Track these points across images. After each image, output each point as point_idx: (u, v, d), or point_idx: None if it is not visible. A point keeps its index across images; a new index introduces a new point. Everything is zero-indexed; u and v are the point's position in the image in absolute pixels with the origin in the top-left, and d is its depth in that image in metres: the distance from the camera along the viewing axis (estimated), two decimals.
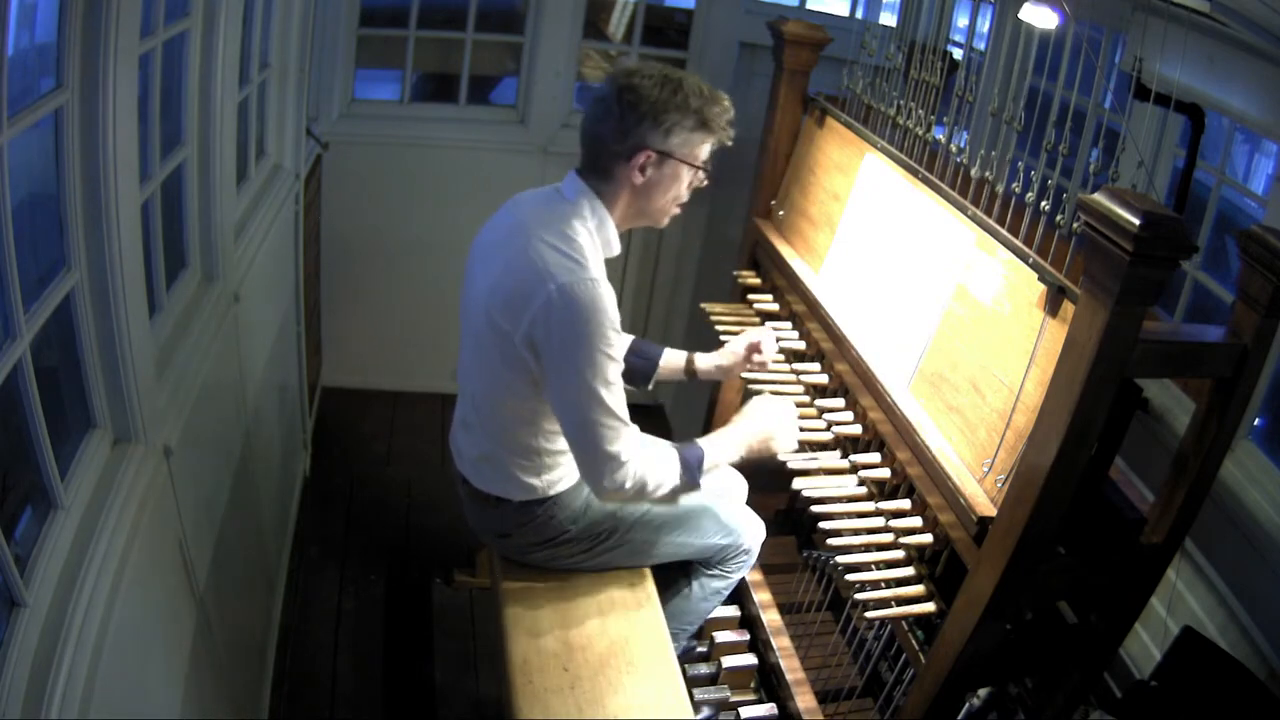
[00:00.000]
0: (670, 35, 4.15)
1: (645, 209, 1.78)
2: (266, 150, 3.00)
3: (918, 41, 2.32)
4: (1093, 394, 1.47)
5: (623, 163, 1.70)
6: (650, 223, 1.83)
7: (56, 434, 1.43)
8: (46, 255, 1.47)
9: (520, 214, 1.75)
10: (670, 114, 1.66)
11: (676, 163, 1.72)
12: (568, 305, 1.60)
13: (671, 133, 1.68)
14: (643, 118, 1.66)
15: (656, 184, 1.73)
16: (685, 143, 1.70)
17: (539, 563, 2.01)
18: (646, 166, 1.70)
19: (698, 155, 1.75)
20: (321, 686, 2.78)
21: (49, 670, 1.22)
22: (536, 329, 1.63)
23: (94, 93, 1.42)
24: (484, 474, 1.91)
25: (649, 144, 1.68)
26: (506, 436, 1.84)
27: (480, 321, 1.73)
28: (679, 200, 1.80)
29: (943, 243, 2.06)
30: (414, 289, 4.06)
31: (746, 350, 2.19)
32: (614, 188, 1.74)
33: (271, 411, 2.93)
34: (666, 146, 1.69)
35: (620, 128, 1.67)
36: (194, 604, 1.91)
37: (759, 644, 2.41)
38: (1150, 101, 1.99)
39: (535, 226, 1.69)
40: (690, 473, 1.82)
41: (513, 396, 1.77)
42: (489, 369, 1.78)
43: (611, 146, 1.70)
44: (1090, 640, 1.97)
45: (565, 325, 1.61)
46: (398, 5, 3.78)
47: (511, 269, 1.67)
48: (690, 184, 1.79)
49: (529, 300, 1.62)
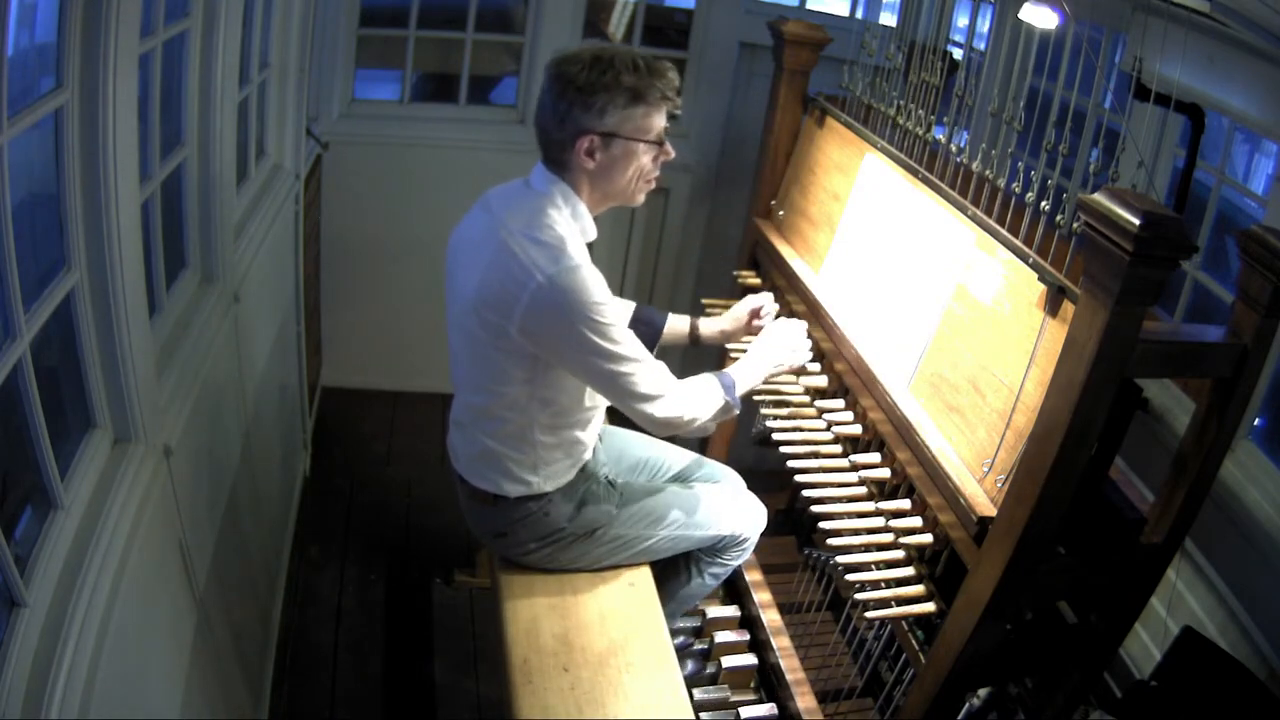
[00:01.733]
0: (670, 35, 4.15)
1: (610, 191, 1.77)
2: (266, 150, 3.00)
3: (918, 41, 2.32)
4: (1093, 394, 1.47)
5: (569, 150, 1.70)
6: (624, 202, 1.81)
7: (56, 434, 1.43)
8: (46, 255, 1.47)
9: (495, 210, 1.76)
10: (599, 94, 1.64)
11: (625, 141, 1.69)
12: (558, 294, 1.63)
13: (606, 112, 1.66)
14: (573, 103, 1.65)
15: (610, 165, 1.72)
16: (625, 119, 1.67)
17: (537, 563, 2.01)
18: (594, 150, 1.69)
19: (646, 129, 1.71)
20: (321, 686, 2.78)
21: (49, 670, 1.22)
22: (530, 321, 1.66)
23: (94, 93, 1.42)
24: (480, 471, 1.92)
25: (586, 126, 1.67)
26: (501, 431, 1.84)
27: (469, 320, 1.74)
28: (645, 176, 1.77)
29: (943, 243, 2.06)
30: (414, 289, 4.05)
31: (749, 314, 2.22)
32: (573, 175, 1.74)
33: (271, 411, 2.93)
34: (606, 127, 1.67)
35: (556, 115, 1.67)
36: (194, 604, 1.91)
37: (759, 644, 2.41)
38: (1150, 101, 1.99)
39: (512, 222, 1.70)
40: (729, 394, 1.91)
41: (509, 385, 1.78)
42: (483, 363, 1.78)
43: (554, 135, 1.70)
44: (1090, 640, 1.97)
45: (557, 314, 1.64)
46: (398, 5, 3.78)
47: (496, 266, 1.68)
48: (656, 158, 1.76)
49: (518, 295, 1.64)
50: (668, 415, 1.79)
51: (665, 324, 2.26)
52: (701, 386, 1.88)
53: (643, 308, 2.25)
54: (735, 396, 1.92)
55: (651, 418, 1.79)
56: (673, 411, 1.80)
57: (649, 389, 1.75)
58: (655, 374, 1.77)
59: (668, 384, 1.79)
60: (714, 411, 1.89)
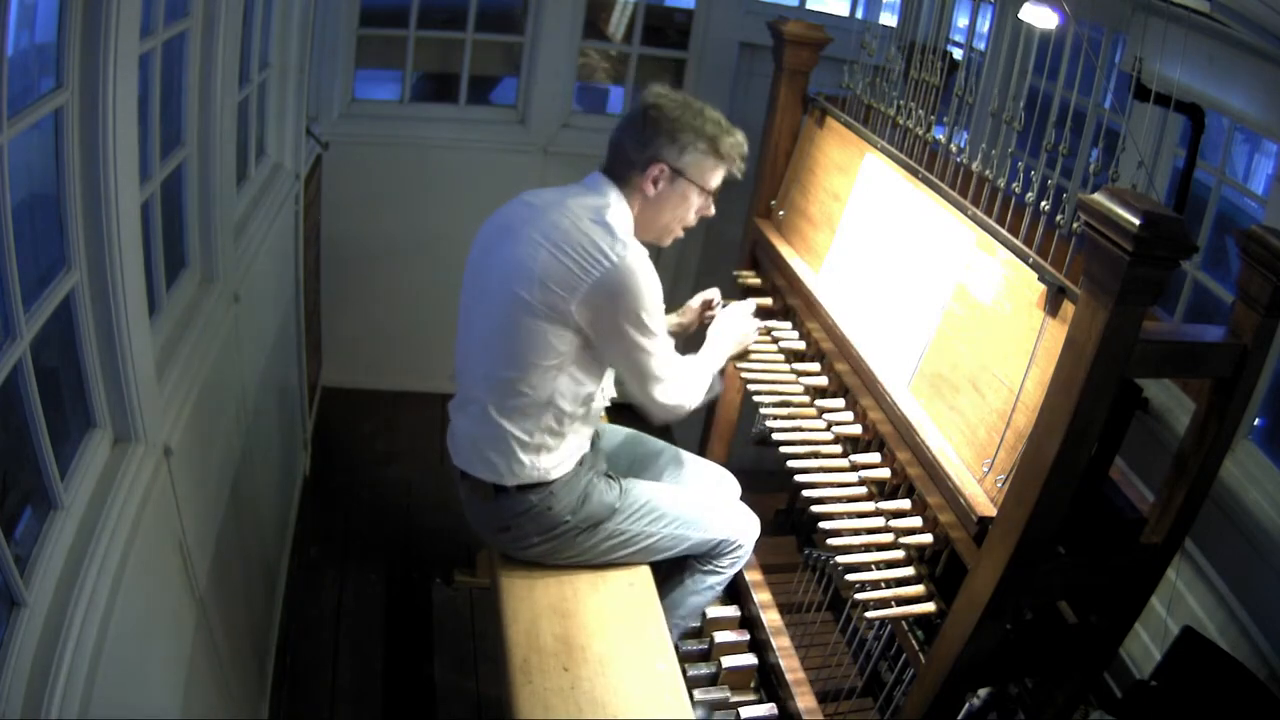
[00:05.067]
0: (670, 35, 4.15)
1: (652, 222, 1.92)
2: (266, 150, 3.00)
3: (918, 41, 2.32)
4: (1093, 394, 1.47)
5: (638, 172, 1.86)
6: (653, 239, 1.96)
7: (56, 434, 1.43)
8: (46, 255, 1.47)
9: (548, 200, 1.87)
10: (687, 133, 1.84)
11: (686, 183, 1.88)
12: (626, 277, 1.76)
13: (685, 151, 1.85)
14: (661, 132, 1.84)
15: (665, 199, 1.89)
16: (697, 164, 1.87)
17: (538, 557, 2.01)
18: (659, 179, 1.86)
19: (708, 181, 1.91)
20: (321, 686, 2.78)
21: (49, 670, 1.22)
22: (597, 298, 1.76)
23: (94, 93, 1.41)
24: (481, 458, 1.92)
25: (664, 157, 1.85)
26: (517, 407, 1.86)
27: (524, 291, 1.79)
28: (684, 223, 1.96)
29: (943, 243, 2.06)
30: (414, 289, 4.05)
31: (700, 305, 2.35)
32: (629, 194, 1.89)
33: (271, 411, 2.93)
34: (679, 164, 1.86)
35: (641, 138, 1.85)
36: (194, 604, 1.91)
37: (759, 644, 2.41)
38: (1150, 101, 1.99)
39: (575, 209, 1.82)
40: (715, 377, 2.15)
41: (549, 358, 1.83)
42: (528, 335, 1.82)
43: (630, 154, 1.86)
44: (1090, 640, 1.97)
45: (625, 294, 1.77)
46: (398, 5, 3.78)
47: (567, 243, 1.78)
48: (697, 209, 1.95)
49: (589, 271, 1.75)
50: (671, 400, 1.94)
51: None
52: (694, 372, 2.04)
53: None
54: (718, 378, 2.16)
55: (656, 399, 1.92)
56: (676, 397, 1.95)
57: (660, 372, 1.89)
58: (671, 360, 1.93)
59: (674, 368, 1.94)
60: (704, 393, 2.05)
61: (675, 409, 1.98)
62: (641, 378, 1.90)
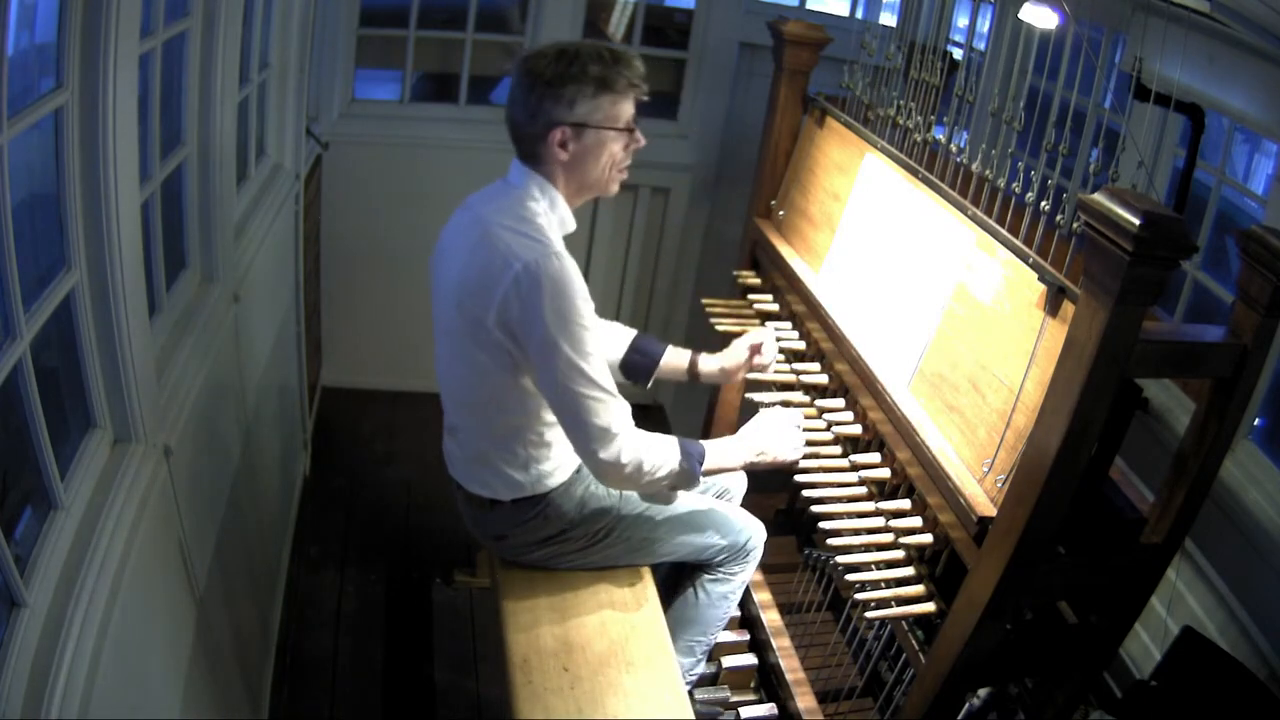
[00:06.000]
0: (670, 35, 4.15)
1: (585, 181, 1.78)
2: (266, 150, 3.00)
3: (918, 41, 2.32)
4: (1093, 394, 1.47)
5: (542, 143, 1.72)
6: (599, 192, 1.83)
7: (56, 434, 1.43)
8: (46, 255, 1.47)
9: (474, 209, 1.79)
10: (568, 85, 1.67)
11: (595, 130, 1.72)
12: (535, 281, 1.62)
13: (575, 103, 1.69)
14: (543, 96, 1.68)
15: (583, 156, 1.74)
16: (594, 109, 1.70)
17: (537, 562, 2.01)
18: (566, 142, 1.72)
19: (616, 117, 1.73)
20: (321, 687, 2.77)
21: (49, 670, 1.22)
22: (508, 308, 1.65)
23: (94, 93, 1.42)
24: (475, 475, 1.92)
25: (557, 118, 1.69)
26: (492, 431, 1.84)
27: (451, 316, 1.75)
28: (619, 165, 1.80)
29: (943, 243, 2.06)
30: (414, 289, 4.00)
31: (749, 350, 2.19)
32: (548, 168, 1.76)
33: (271, 411, 2.93)
34: (576, 117, 1.70)
35: (527, 109, 1.71)
36: (194, 604, 1.91)
37: (759, 644, 2.41)
38: (1150, 101, 1.99)
39: (491, 215, 1.72)
40: (690, 462, 1.81)
41: (493, 384, 1.77)
42: (467, 361, 1.78)
43: (526, 130, 1.73)
44: (1090, 640, 1.97)
45: (535, 301, 1.63)
46: (398, 5, 3.78)
47: (475, 257, 1.69)
48: (626, 146, 1.78)
49: (497, 282, 1.64)
50: (614, 458, 1.69)
51: (664, 357, 2.20)
52: (661, 444, 1.77)
53: (641, 337, 2.21)
54: (698, 468, 1.82)
55: (596, 456, 1.69)
56: (622, 457, 1.69)
57: (602, 421, 1.67)
58: (617, 411, 1.70)
59: (624, 424, 1.70)
60: (667, 473, 1.78)
61: (612, 469, 1.70)
62: (575, 420, 1.67)
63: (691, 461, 1.82)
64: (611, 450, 1.69)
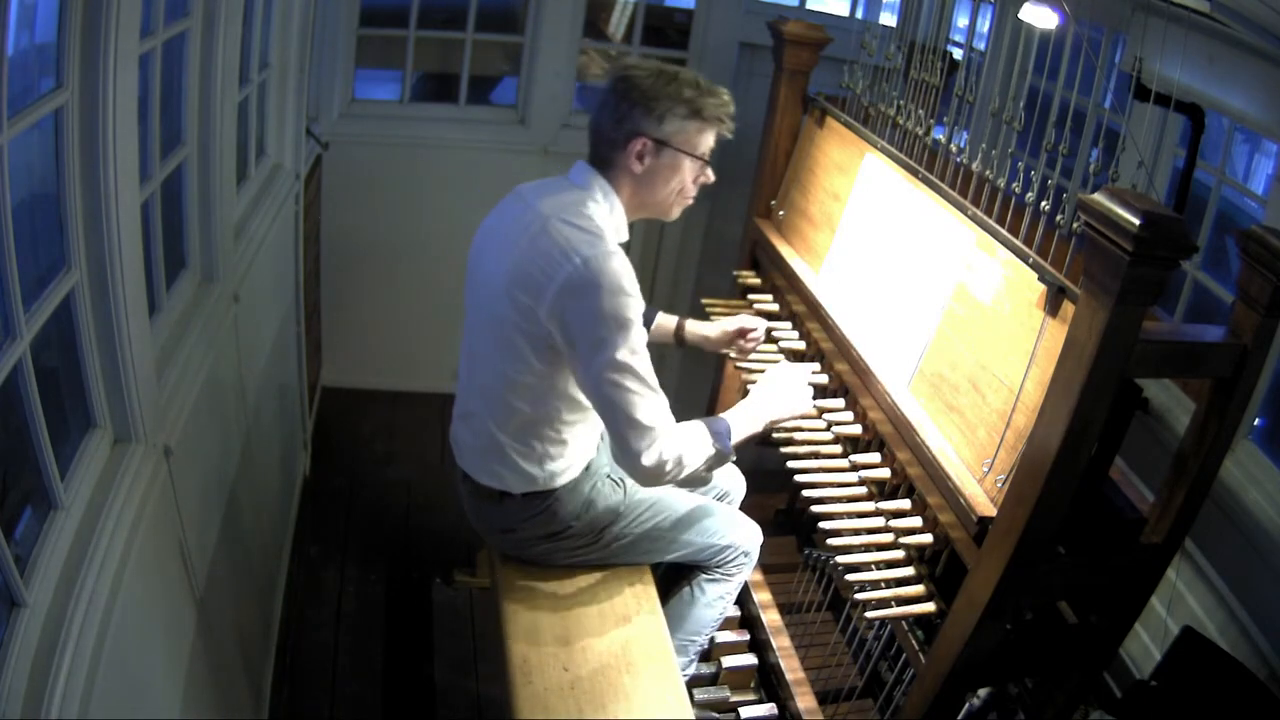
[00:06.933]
0: (670, 35, 4.16)
1: (648, 200, 1.82)
2: (266, 150, 3.00)
3: (918, 41, 2.32)
4: (1093, 394, 1.47)
5: (621, 150, 1.75)
6: (657, 214, 1.87)
7: (56, 434, 1.43)
8: (46, 255, 1.47)
9: (531, 201, 1.79)
10: (663, 101, 1.72)
11: (674, 152, 1.76)
12: (593, 277, 1.64)
13: (665, 119, 1.73)
14: (635, 104, 1.72)
15: (656, 173, 1.78)
16: (680, 130, 1.75)
17: (539, 557, 2.01)
18: (644, 154, 1.75)
19: (696, 145, 1.78)
20: (322, 687, 2.78)
21: (49, 670, 1.22)
22: (563, 301, 1.66)
23: (94, 93, 1.42)
24: (486, 466, 1.91)
25: (643, 130, 1.73)
26: (512, 422, 1.84)
27: (499, 304, 1.74)
28: (684, 193, 1.84)
29: (943, 243, 2.06)
30: (414, 289, 4.05)
31: (735, 331, 2.25)
32: (617, 175, 1.79)
33: (271, 411, 2.93)
34: (661, 134, 1.74)
35: (616, 115, 1.74)
36: (194, 604, 1.91)
37: (759, 644, 2.41)
38: (1150, 101, 1.99)
39: (551, 209, 1.73)
40: (721, 441, 1.84)
41: (527, 376, 1.77)
42: (505, 349, 1.77)
43: (609, 134, 1.75)
44: (1090, 640, 1.97)
45: (592, 295, 1.64)
46: (398, 5, 3.78)
47: (535, 248, 1.69)
48: (696, 178, 1.83)
49: (553, 275, 1.65)
50: (656, 458, 1.70)
51: (653, 320, 2.28)
52: (693, 433, 1.80)
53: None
54: (729, 444, 1.85)
55: (639, 457, 1.69)
56: (664, 454, 1.71)
57: (646, 418, 1.68)
58: (658, 406, 1.71)
59: (666, 421, 1.72)
60: (704, 459, 1.80)
61: (656, 471, 1.71)
62: (617, 416, 1.68)
63: (723, 440, 1.84)
64: (652, 449, 1.70)
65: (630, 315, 1.66)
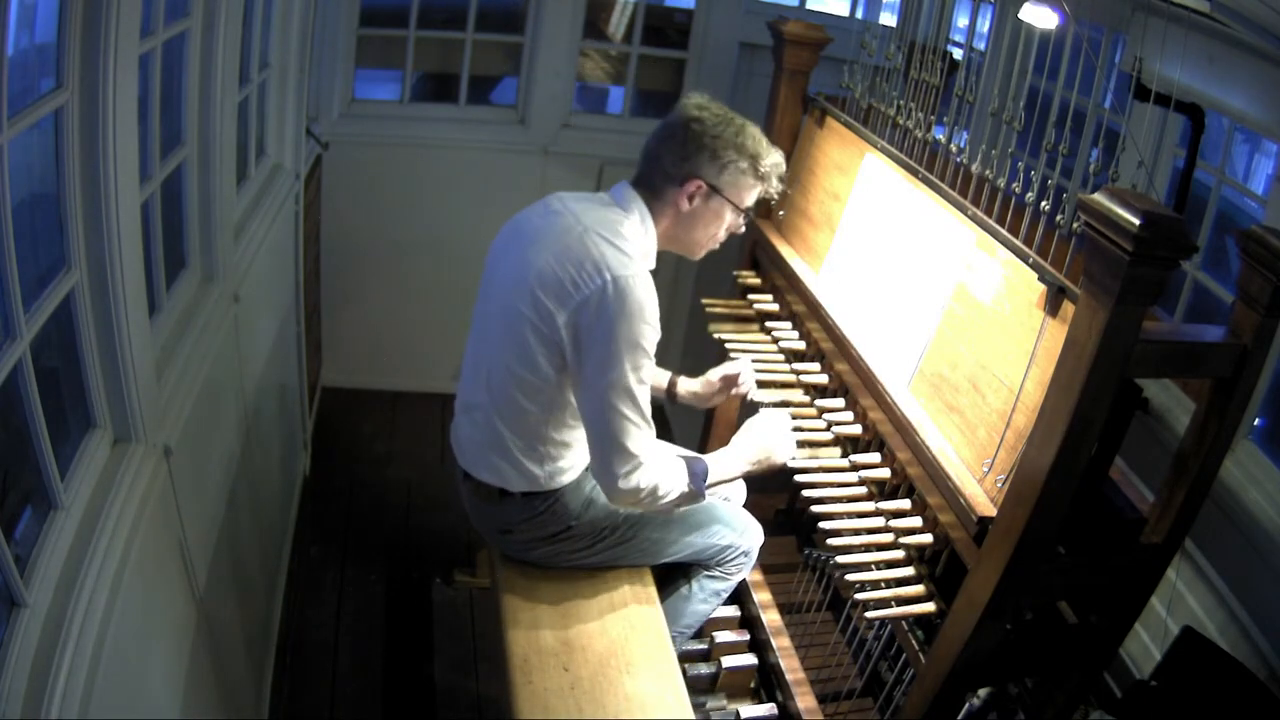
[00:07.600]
0: (670, 35, 4.16)
1: (683, 238, 1.87)
2: (266, 150, 3.00)
3: (918, 41, 2.31)
4: (1093, 394, 1.47)
5: (675, 187, 1.80)
6: (684, 252, 1.92)
7: (56, 434, 1.43)
8: (46, 255, 1.47)
9: (571, 208, 1.81)
10: (729, 151, 1.78)
11: (723, 200, 1.82)
12: (620, 297, 1.66)
13: (726, 169, 1.79)
14: (704, 148, 1.77)
15: (699, 216, 1.83)
16: (735, 183, 1.81)
17: (540, 560, 2.01)
18: (695, 196, 1.80)
19: (743, 199, 1.85)
20: (321, 686, 2.78)
21: (49, 670, 1.22)
22: (584, 314, 1.68)
23: (94, 93, 1.42)
24: (486, 460, 1.91)
25: (702, 174, 1.79)
26: (517, 418, 1.84)
27: (520, 300, 1.75)
28: (715, 239, 1.90)
29: (943, 243, 2.06)
30: (414, 289, 4.05)
31: (722, 381, 2.23)
32: (662, 207, 1.83)
33: (271, 411, 2.93)
34: (718, 182, 1.80)
35: (682, 153, 1.78)
36: (194, 604, 1.91)
37: (759, 644, 2.41)
38: (1150, 101, 1.99)
39: (591, 222, 1.75)
40: (696, 482, 1.88)
41: (536, 377, 1.78)
42: (519, 347, 1.78)
43: (668, 168, 1.80)
44: (1090, 640, 1.97)
45: (614, 315, 1.66)
46: (398, 5, 3.78)
47: (568, 255, 1.71)
48: (729, 227, 1.88)
49: (581, 287, 1.68)
50: (633, 484, 1.74)
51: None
52: (672, 468, 1.83)
53: None
54: (703, 486, 1.89)
55: (615, 478, 1.73)
56: (640, 483, 1.75)
57: (634, 447, 1.72)
58: (647, 439, 1.75)
59: (650, 452, 1.77)
60: (677, 496, 1.84)
61: (629, 496, 1.76)
62: (605, 439, 1.71)
63: (697, 481, 1.88)
64: (631, 475, 1.74)
65: (645, 344, 1.69)
